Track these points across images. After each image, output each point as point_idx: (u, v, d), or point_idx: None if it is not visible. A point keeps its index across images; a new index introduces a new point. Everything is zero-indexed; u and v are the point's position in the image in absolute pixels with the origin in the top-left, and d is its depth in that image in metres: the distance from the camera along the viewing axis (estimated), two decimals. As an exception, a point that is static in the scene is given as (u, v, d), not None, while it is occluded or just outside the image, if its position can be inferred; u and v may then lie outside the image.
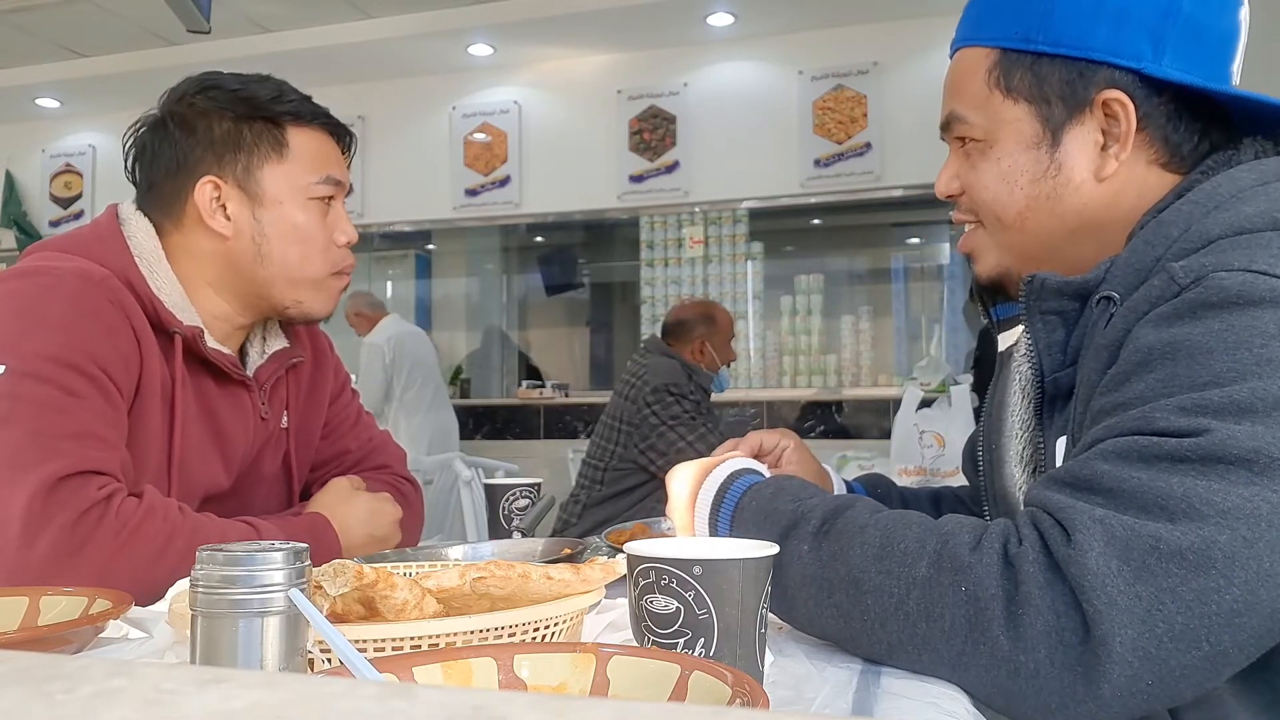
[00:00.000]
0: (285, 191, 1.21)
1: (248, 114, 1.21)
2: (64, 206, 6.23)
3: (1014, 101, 0.91)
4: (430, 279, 6.62)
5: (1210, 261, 0.75)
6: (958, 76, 0.96)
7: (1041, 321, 0.89)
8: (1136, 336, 0.76)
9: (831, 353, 5.34)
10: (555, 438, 5.26)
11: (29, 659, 0.30)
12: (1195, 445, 0.67)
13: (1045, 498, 0.72)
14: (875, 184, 4.93)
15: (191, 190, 1.19)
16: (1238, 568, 0.64)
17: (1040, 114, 0.91)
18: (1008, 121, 0.92)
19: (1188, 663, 0.64)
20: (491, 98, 5.52)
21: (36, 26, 5.10)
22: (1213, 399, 0.68)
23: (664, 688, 0.53)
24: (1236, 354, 0.70)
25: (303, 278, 1.23)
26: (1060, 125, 0.90)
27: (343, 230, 1.26)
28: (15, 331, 1.04)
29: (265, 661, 0.51)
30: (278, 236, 1.21)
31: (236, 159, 1.20)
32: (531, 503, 1.35)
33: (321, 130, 1.26)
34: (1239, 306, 0.71)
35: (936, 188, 1.00)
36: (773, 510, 0.81)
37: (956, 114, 0.96)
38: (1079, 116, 0.89)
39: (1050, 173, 0.91)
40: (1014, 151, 0.92)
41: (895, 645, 0.72)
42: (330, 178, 1.24)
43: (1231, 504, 0.65)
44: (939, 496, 1.25)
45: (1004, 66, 0.92)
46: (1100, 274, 0.85)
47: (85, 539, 0.97)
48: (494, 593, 0.65)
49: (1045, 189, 0.91)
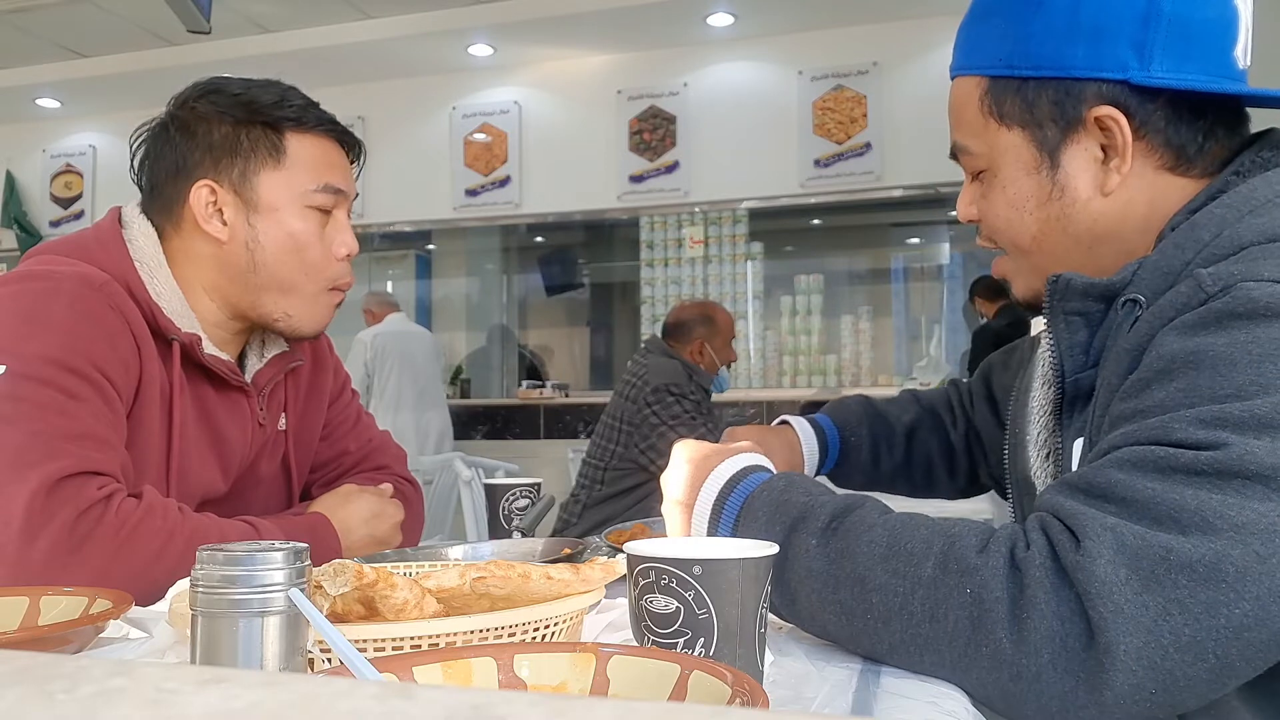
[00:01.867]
0: (282, 198, 1.19)
1: (247, 118, 1.19)
2: (64, 207, 6.23)
3: (1008, 128, 0.91)
4: (430, 279, 6.62)
5: (1239, 270, 0.74)
6: (956, 107, 0.96)
7: (1065, 322, 0.88)
8: (1160, 343, 0.75)
9: (831, 353, 5.34)
10: (555, 438, 5.26)
11: (29, 659, 0.30)
12: (1212, 459, 0.66)
13: (1057, 503, 0.71)
14: (875, 184, 4.93)
15: (189, 194, 1.19)
16: (1249, 583, 0.63)
17: (1035, 138, 0.90)
18: (1006, 149, 0.92)
19: (1193, 674, 0.64)
20: (491, 98, 5.52)
21: (36, 26, 5.11)
22: (1233, 412, 0.67)
23: (664, 687, 0.53)
24: (1260, 367, 0.69)
25: (295, 290, 1.21)
26: (1056, 147, 0.89)
27: (343, 242, 1.23)
28: (16, 334, 1.04)
29: (265, 661, 0.51)
30: (272, 244, 1.19)
31: (234, 164, 1.19)
32: (531, 503, 1.35)
33: (325, 137, 1.23)
34: (1266, 319, 0.70)
35: (959, 213, 1.00)
36: (784, 501, 0.81)
37: (960, 145, 0.96)
38: (1073, 135, 0.89)
39: (1055, 195, 0.90)
40: (1017, 178, 0.92)
41: (898, 645, 0.72)
42: (330, 186, 1.21)
43: (1246, 519, 0.64)
44: (912, 431, 1.29)
45: (994, 94, 0.91)
46: (1127, 276, 0.84)
47: (85, 537, 0.97)
48: (494, 593, 0.65)
49: (1053, 211, 0.91)
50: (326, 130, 1.24)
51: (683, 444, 0.92)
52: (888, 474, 1.29)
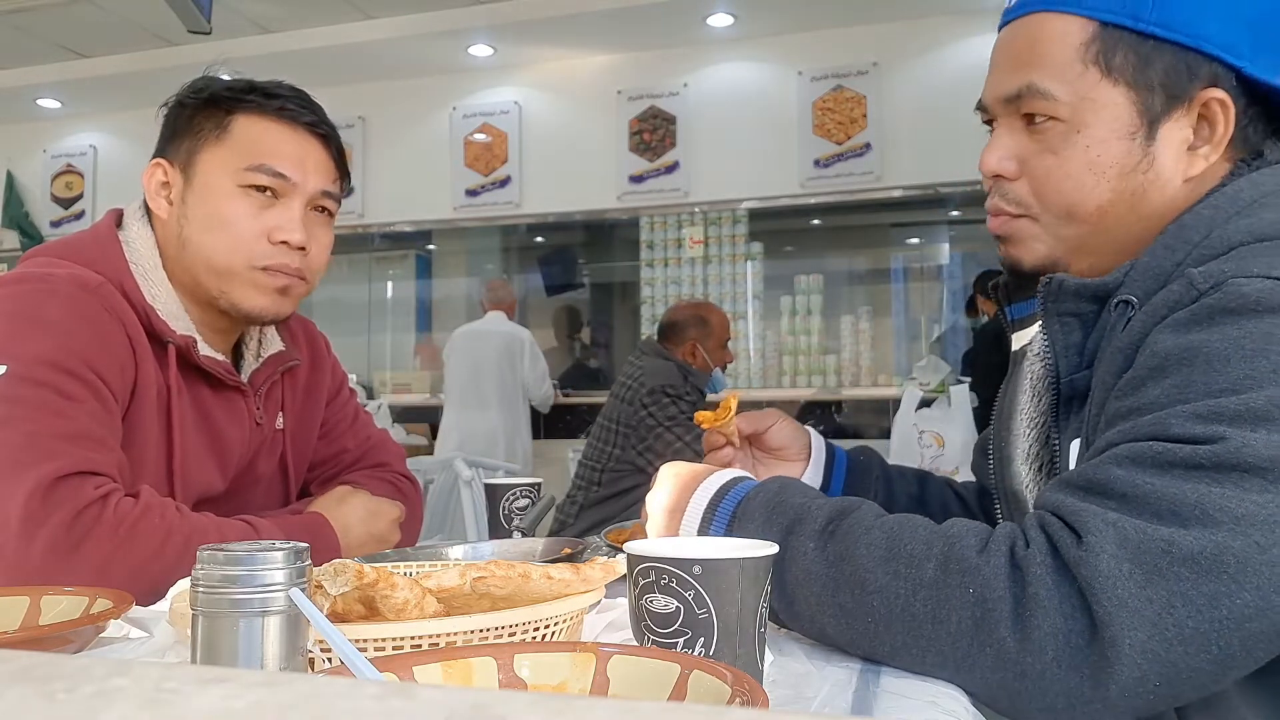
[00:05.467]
0: (214, 175, 1.18)
1: (204, 101, 1.20)
2: (65, 207, 6.23)
3: (1113, 84, 0.84)
4: (430, 279, 6.61)
5: (1230, 268, 0.74)
6: (1037, 44, 0.86)
7: (1059, 323, 0.88)
8: (1154, 341, 0.76)
9: (831, 353, 5.34)
10: (555, 438, 5.26)
11: (30, 658, 0.30)
12: (1210, 453, 0.66)
13: (1056, 501, 0.72)
14: (875, 184, 4.93)
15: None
16: (1250, 574, 0.64)
17: (1141, 101, 0.84)
18: (1103, 105, 0.84)
19: (1195, 666, 0.64)
20: (491, 98, 5.52)
21: (37, 27, 5.10)
22: (1229, 406, 0.68)
23: (664, 687, 0.53)
24: (1254, 361, 0.69)
25: (224, 268, 1.17)
26: (1158, 117, 0.84)
27: (279, 227, 1.17)
28: (12, 336, 1.04)
29: (266, 661, 0.51)
30: (197, 219, 1.17)
31: (183, 143, 1.20)
32: (531, 503, 1.35)
33: (279, 122, 1.20)
34: (1257, 314, 0.71)
35: (985, 164, 0.91)
36: (780, 503, 0.81)
37: (1037, 87, 0.86)
38: (1175, 110, 0.84)
39: (1142, 167, 0.85)
40: (1107, 139, 0.85)
41: (900, 647, 0.72)
42: (266, 167, 1.17)
43: (1245, 511, 0.65)
44: (924, 476, 1.22)
45: (1105, 42, 0.83)
46: (1119, 277, 0.84)
47: (83, 536, 0.97)
48: (494, 592, 0.65)
49: (1134, 184, 0.85)
50: (284, 117, 1.20)
51: (670, 464, 0.92)
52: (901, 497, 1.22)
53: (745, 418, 1.15)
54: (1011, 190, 0.91)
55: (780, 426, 1.15)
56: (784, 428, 1.16)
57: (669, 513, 0.88)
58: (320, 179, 1.22)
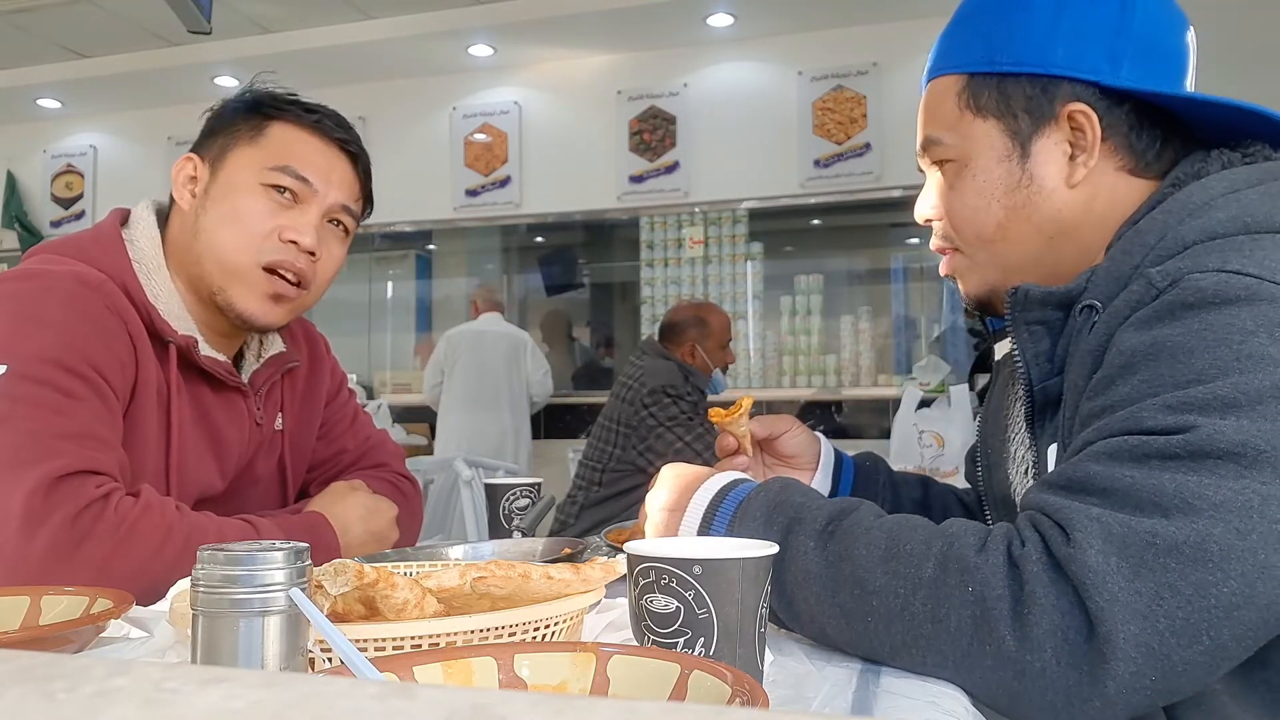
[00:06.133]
0: (240, 171, 1.20)
1: (247, 105, 1.23)
2: (65, 207, 6.23)
3: (983, 119, 0.95)
4: (430, 279, 6.61)
5: (1186, 265, 0.78)
6: (931, 104, 1.01)
7: (1028, 332, 0.91)
8: (1119, 340, 0.78)
9: (831, 353, 5.34)
10: (555, 438, 5.26)
11: (30, 658, 0.30)
12: (1184, 442, 0.68)
13: (1041, 500, 0.73)
14: (874, 184, 4.93)
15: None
16: (1233, 560, 0.65)
17: (1009, 128, 0.94)
18: (979, 138, 0.96)
19: (1189, 657, 0.65)
20: (491, 98, 5.52)
21: (37, 26, 5.10)
22: (1197, 396, 0.70)
23: (664, 687, 0.53)
24: (1216, 351, 0.71)
25: (230, 262, 1.18)
26: (1028, 137, 0.94)
27: (293, 227, 1.18)
28: (12, 334, 1.04)
29: (266, 661, 0.51)
30: (215, 211, 1.19)
31: (217, 140, 1.23)
32: (531, 503, 1.35)
33: (312, 133, 1.23)
34: (1215, 305, 0.73)
35: (916, 212, 1.03)
36: (780, 503, 0.82)
37: (932, 137, 0.99)
38: (1045, 128, 0.93)
39: (1023, 182, 0.94)
40: (988, 166, 0.95)
41: (899, 646, 0.72)
42: (290, 169, 1.19)
43: (1223, 497, 0.66)
44: (927, 482, 1.25)
45: (973, 89, 0.96)
46: (1082, 283, 0.88)
47: (84, 535, 0.97)
48: (494, 592, 0.65)
49: (1020, 199, 0.94)
50: (319, 129, 1.23)
51: (670, 465, 0.94)
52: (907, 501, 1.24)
53: (760, 421, 1.17)
54: (940, 229, 1.02)
55: (794, 434, 1.17)
56: (798, 436, 1.17)
57: (669, 512, 0.89)
58: (342, 193, 1.24)
